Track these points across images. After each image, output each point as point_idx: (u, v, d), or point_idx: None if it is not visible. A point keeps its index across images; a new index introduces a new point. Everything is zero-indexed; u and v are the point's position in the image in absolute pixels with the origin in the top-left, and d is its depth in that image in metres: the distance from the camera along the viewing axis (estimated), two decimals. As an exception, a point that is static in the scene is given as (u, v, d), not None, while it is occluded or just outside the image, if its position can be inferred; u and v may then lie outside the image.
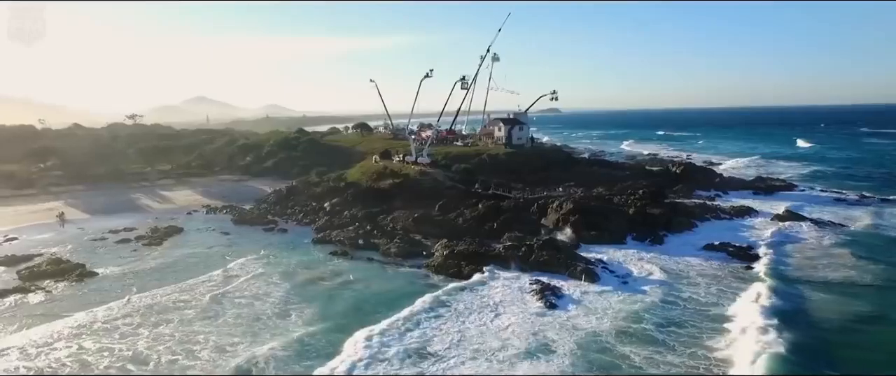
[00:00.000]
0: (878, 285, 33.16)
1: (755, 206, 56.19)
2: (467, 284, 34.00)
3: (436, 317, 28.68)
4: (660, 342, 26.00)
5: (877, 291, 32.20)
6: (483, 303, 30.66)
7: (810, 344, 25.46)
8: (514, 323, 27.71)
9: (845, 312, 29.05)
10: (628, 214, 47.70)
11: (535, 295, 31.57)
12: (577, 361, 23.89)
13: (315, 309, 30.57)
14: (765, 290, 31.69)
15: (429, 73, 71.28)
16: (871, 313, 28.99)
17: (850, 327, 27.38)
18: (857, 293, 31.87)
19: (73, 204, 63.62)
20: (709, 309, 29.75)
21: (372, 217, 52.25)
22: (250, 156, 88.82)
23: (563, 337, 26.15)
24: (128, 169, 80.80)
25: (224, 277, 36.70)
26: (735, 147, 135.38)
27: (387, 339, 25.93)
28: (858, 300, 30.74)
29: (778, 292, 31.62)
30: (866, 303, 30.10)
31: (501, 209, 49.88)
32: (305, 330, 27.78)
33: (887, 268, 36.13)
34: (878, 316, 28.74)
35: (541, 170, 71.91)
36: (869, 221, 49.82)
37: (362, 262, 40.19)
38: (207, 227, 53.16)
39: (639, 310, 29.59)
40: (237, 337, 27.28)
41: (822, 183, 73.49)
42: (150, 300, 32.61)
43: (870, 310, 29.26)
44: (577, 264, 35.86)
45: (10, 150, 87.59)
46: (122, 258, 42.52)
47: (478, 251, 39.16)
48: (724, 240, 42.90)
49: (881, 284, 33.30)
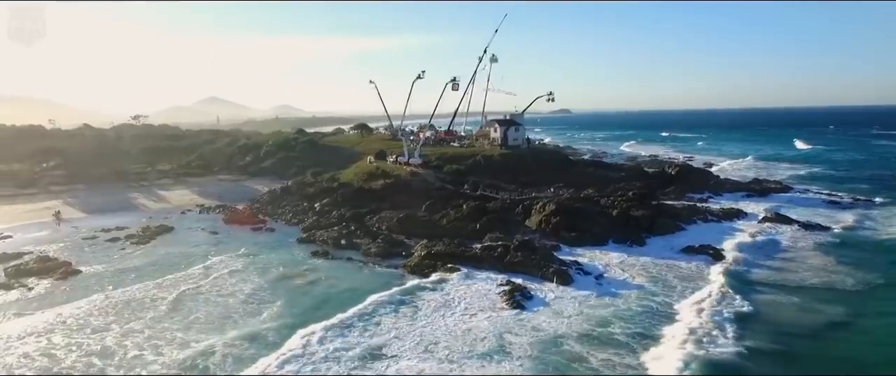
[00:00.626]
0: (846, 290, 32.87)
1: (745, 209, 55.78)
2: (437, 284, 34.28)
3: (394, 315, 29.14)
4: (622, 344, 26.04)
5: (844, 296, 31.94)
6: (448, 303, 30.90)
7: (760, 348, 25.19)
8: (475, 323, 27.89)
9: (805, 317, 28.87)
10: (612, 216, 47.63)
11: (503, 296, 31.69)
12: (532, 363, 23.98)
13: (279, 306, 31.34)
14: (727, 293, 31.63)
15: (420, 74, 71.80)
16: (832, 319, 28.76)
17: (807, 332, 27.13)
18: (824, 297, 31.66)
19: (71, 203, 64.90)
20: (678, 313, 29.68)
21: (359, 217, 52.65)
22: (249, 157, 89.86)
23: (523, 339, 26.25)
24: (128, 169, 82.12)
25: (202, 274, 37.39)
26: (738, 148, 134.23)
27: (332, 335, 26.47)
28: (823, 304, 30.54)
29: (741, 295, 31.54)
30: (830, 308, 29.92)
31: (486, 210, 50.03)
32: (263, 325, 28.58)
33: (860, 271, 35.78)
34: (838, 322, 28.47)
35: (535, 172, 71.91)
36: (855, 223, 49.31)
37: (341, 262, 40.61)
38: (197, 226, 53.91)
39: (606, 313, 29.56)
40: (202, 332, 27.86)
41: (820, 185, 72.71)
42: (126, 296, 33.33)
43: (831, 316, 29.07)
44: (551, 266, 35.92)
45: (17, 150, 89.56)
46: (109, 256, 43.36)
47: (454, 252, 39.39)
48: (707, 242, 42.62)
49: (850, 289, 32.99)
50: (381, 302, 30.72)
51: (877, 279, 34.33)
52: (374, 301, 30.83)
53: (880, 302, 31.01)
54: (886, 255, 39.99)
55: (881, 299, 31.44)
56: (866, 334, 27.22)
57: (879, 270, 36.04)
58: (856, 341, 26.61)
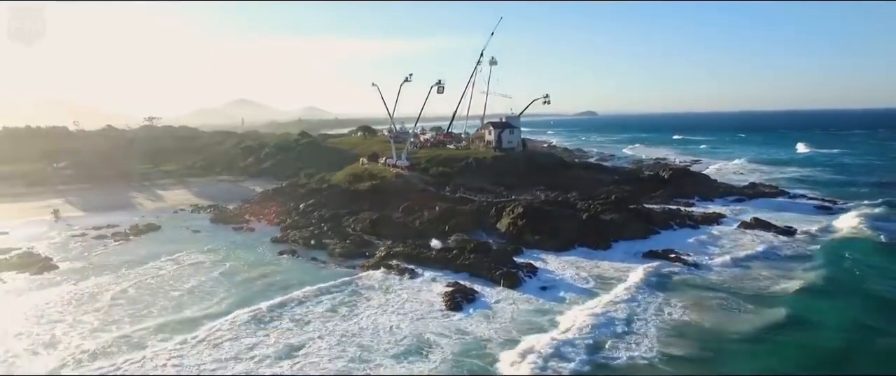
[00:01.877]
0: (799, 296, 32.03)
1: (728, 213, 54.91)
2: (383, 283, 34.90)
3: (329, 312, 29.98)
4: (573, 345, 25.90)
5: (792, 302, 31.08)
6: (387, 303, 31.46)
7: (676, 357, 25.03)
8: (405, 324, 28.37)
9: (745, 324, 28.24)
10: (581, 219, 47.47)
11: (444, 297, 32.07)
12: (445, 365, 24.19)
13: (221, 296, 33.01)
14: (672, 300, 31.36)
15: (408, 77, 72.30)
16: (775, 324, 28.23)
17: (739, 338, 26.76)
18: (771, 303, 30.97)
19: (73, 202, 67.77)
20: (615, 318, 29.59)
21: (337, 218, 53.66)
22: (251, 158, 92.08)
23: (446, 341, 26.55)
24: (134, 169, 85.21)
25: (162, 269, 39.32)
26: (748, 151, 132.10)
27: (251, 329, 27.72)
28: (769, 309, 29.93)
29: (690, 301, 31.22)
30: (772, 315, 29.25)
31: (457, 212, 50.45)
32: (195, 313, 30.54)
33: (824, 279, 34.92)
34: (779, 326, 28.00)
35: (525, 174, 72.04)
36: (843, 230, 48.01)
37: (303, 261, 41.59)
38: (183, 225, 55.68)
39: (540, 318, 29.64)
40: (144, 320, 29.64)
41: (821, 189, 70.76)
42: (90, 289, 35.04)
43: (773, 322, 28.44)
44: (500, 268, 36.12)
45: (36, 150, 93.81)
46: (90, 252, 45.32)
47: (411, 253, 39.97)
48: (674, 247, 42.24)
49: (803, 295, 32.03)
50: (319, 299, 31.61)
51: (813, 285, 33.53)
52: (312, 297, 31.79)
53: (801, 312, 29.80)
54: (838, 263, 38.63)
55: (802, 308, 30.17)
56: (763, 343, 26.54)
57: (824, 277, 35.20)
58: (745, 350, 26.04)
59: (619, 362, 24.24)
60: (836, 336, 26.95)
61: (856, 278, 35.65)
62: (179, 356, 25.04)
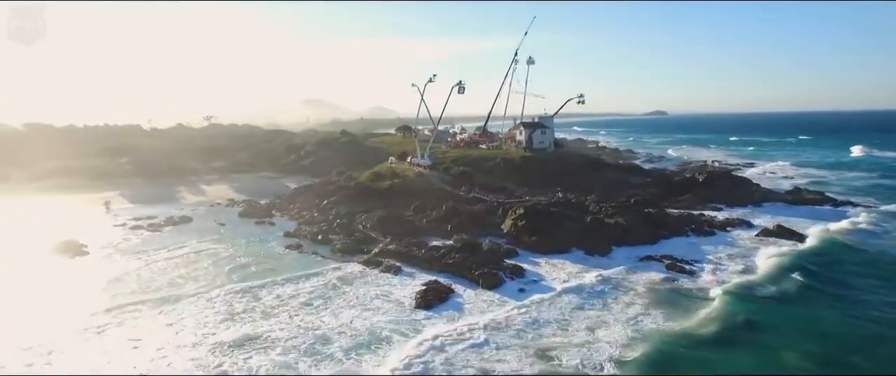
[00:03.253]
0: (777, 327, 29.74)
1: (754, 220, 51.95)
2: (362, 279, 36.03)
3: (301, 305, 31.26)
4: (499, 350, 25.99)
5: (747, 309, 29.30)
6: (359, 298, 32.37)
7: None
8: (366, 319, 29.11)
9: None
10: (585, 222, 46.53)
11: (417, 296, 32.62)
12: (390, 360, 24.83)
13: (204, 283, 35.81)
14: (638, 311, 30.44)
15: (432, 78, 73.15)
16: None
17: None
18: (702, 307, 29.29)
19: (126, 195, 73.75)
20: (581, 324, 29.03)
21: (352, 215, 55.36)
22: (293, 156, 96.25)
23: (401, 340, 26.98)
24: (186, 165, 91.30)
25: (176, 257, 42.51)
26: (803, 153, 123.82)
27: (220, 317, 29.73)
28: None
29: (653, 311, 30.24)
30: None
31: (462, 212, 50.83)
32: (170, 292, 33.66)
33: (817, 301, 32.05)
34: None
35: (553, 176, 71.23)
36: (861, 240, 44.45)
37: (304, 255, 43.35)
38: (213, 218, 59.31)
39: (506, 321, 29.46)
40: (128, 297, 33.01)
41: (875, 198, 65.18)
42: (105, 271, 39.05)
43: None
44: (483, 269, 36.20)
45: (106, 147, 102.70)
46: (122, 239, 49.52)
47: (402, 250, 40.84)
48: (677, 253, 40.72)
49: (787, 323, 29.17)
50: (297, 290, 33.43)
51: (802, 305, 31.24)
52: (290, 289, 33.65)
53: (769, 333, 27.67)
54: (850, 277, 35.79)
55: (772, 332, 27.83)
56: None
57: (830, 293, 32.77)
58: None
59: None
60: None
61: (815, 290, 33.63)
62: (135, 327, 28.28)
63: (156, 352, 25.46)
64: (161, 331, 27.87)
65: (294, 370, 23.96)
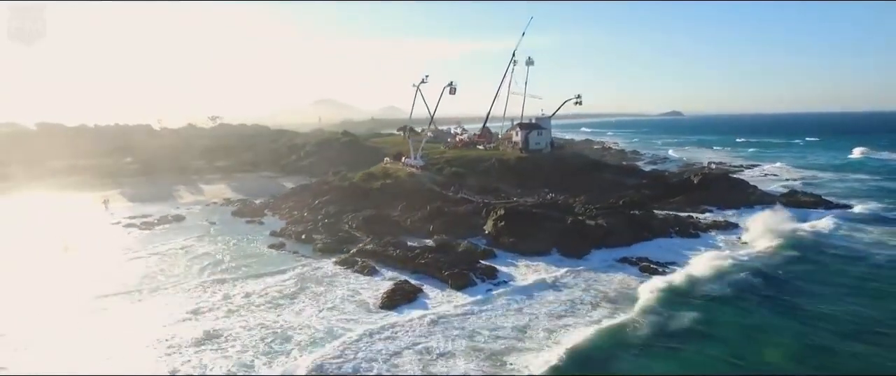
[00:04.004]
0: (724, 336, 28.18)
1: (743, 223, 51.36)
2: (333, 278, 36.42)
3: (265, 304, 31.77)
4: (448, 353, 25.84)
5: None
6: (324, 297, 32.76)
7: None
8: (326, 317, 29.44)
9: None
10: (566, 224, 46.40)
11: (384, 296, 32.91)
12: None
13: (181, 278, 36.95)
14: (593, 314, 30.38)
15: (424, 79, 73.42)
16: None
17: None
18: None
19: (126, 193, 75.25)
20: (539, 325, 28.97)
21: (340, 215, 55.86)
22: (294, 156, 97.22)
23: (350, 335, 27.23)
24: (188, 164, 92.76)
25: (158, 253, 43.84)
26: (814, 156, 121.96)
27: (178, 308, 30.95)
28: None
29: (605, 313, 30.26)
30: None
31: (446, 213, 51.00)
32: (148, 289, 34.64)
33: (777, 311, 31.13)
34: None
35: (548, 176, 71.11)
36: (850, 244, 43.70)
37: (284, 254, 43.87)
38: (205, 217, 60.28)
39: (469, 322, 29.48)
40: (101, 293, 33.99)
41: (873, 201, 63.97)
42: (85, 266, 40.48)
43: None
44: (453, 270, 36.33)
45: (111, 146, 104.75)
46: (112, 237, 50.68)
47: (378, 250, 41.17)
48: (652, 256, 40.54)
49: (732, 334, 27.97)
50: (267, 288, 34.02)
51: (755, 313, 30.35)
52: (260, 286, 34.28)
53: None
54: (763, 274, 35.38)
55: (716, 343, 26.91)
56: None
57: (783, 299, 32.07)
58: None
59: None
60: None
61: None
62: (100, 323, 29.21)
63: (114, 348, 26.04)
64: (125, 327, 28.54)
65: (247, 369, 24.31)
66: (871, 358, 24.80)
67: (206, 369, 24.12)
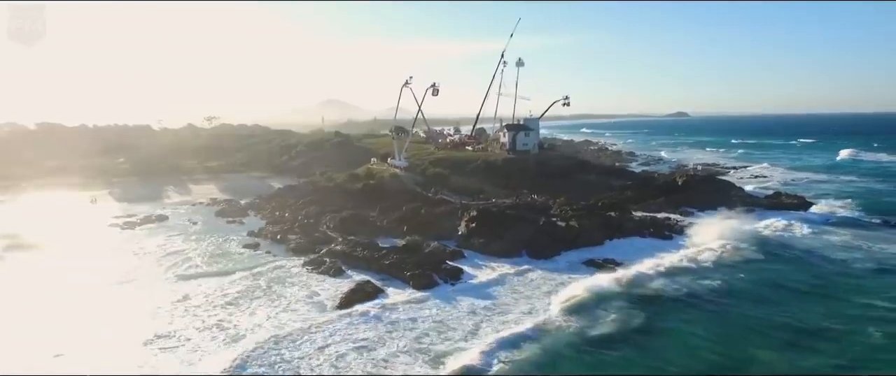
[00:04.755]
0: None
1: (714, 224, 51.13)
2: (298, 278, 36.92)
3: (224, 301, 32.32)
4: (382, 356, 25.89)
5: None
6: (284, 296, 33.13)
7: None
8: (273, 320, 29.38)
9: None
10: (538, 225, 46.47)
11: (343, 296, 33.13)
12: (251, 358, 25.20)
13: (147, 277, 37.62)
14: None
15: (408, 80, 73.82)
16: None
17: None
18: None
19: (115, 193, 76.02)
20: (485, 324, 29.12)
21: (320, 215, 56.17)
22: (285, 156, 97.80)
23: (298, 332, 27.68)
24: (180, 165, 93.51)
25: (133, 252, 44.55)
26: (808, 157, 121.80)
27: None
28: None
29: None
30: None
31: (421, 213, 51.22)
32: (110, 289, 35.27)
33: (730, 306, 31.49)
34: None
35: (535, 177, 71.22)
36: (820, 247, 43.59)
37: (257, 253, 44.21)
38: (188, 217, 60.73)
39: (419, 322, 29.65)
40: (64, 291, 34.67)
41: (839, 201, 63.99)
42: (57, 264, 41.22)
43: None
44: (416, 270, 36.54)
45: (107, 146, 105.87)
46: (91, 236, 51.23)
47: (346, 250, 41.44)
48: (618, 257, 40.74)
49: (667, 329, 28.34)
50: (227, 287, 34.46)
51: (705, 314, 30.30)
52: (222, 285, 34.63)
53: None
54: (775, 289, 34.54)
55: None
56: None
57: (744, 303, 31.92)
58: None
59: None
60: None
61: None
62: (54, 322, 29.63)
63: (61, 348, 26.28)
64: (76, 325, 28.92)
65: (193, 370, 24.60)
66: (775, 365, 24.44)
67: (156, 370, 24.34)
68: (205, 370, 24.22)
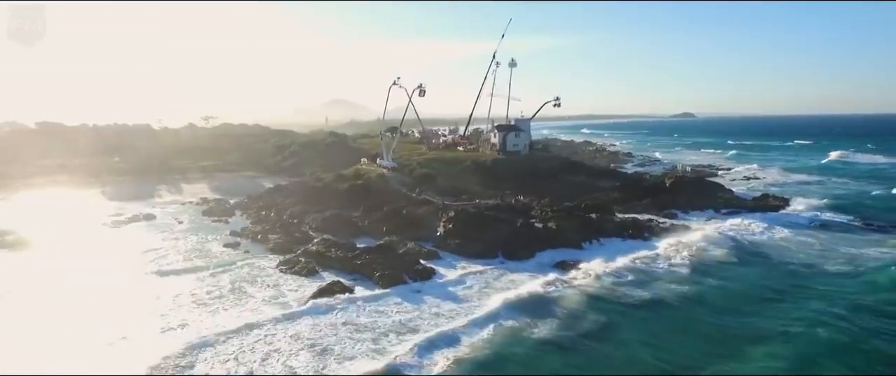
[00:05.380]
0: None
1: (702, 227, 51.19)
2: (270, 278, 37.18)
3: (191, 300, 32.82)
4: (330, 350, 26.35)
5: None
6: (245, 298, 33.24)
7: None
8: (235, 321, 29.34)
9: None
10: (515, 227, 46.54)
11: (311, 295, 33.44)
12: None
13: (121, 277, 37.89)
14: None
15: (396, 80, 74.08)
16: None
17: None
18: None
19: (107, 192, 76.65)
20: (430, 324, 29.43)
21: (304, 215, 56.55)
22: (279, 156, 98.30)
23: (256, 330, 28.21)
24: (174, 164, 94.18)
25: (113, 251, 44.99)
26: (803, 159, 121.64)
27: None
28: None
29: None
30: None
31: (402, 214, 51.42)
32: (80, 289, 35.50)
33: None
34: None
35: (523, 178, 71.34)
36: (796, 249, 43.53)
37: (236, 252, 44.45)
38: (175, 216, 61.13)
39: (377, 320, 29.95)
40: (36, 288, 35.46)
41: (838, 204, 63.64)
42: (36, 262, 41.65)
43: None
44: (385, 271, 36.72)
45: (104, 145, 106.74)
46: (76, 235, 51.69)
47: (321, 251, 41.69)
48: (586, 258, 40.94)
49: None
50: (198, 286, 35.06)
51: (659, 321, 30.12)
52: (190, 288, 34.91)
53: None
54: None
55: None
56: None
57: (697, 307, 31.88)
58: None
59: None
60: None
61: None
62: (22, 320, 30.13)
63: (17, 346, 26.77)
64: (38, 325, 29.22)
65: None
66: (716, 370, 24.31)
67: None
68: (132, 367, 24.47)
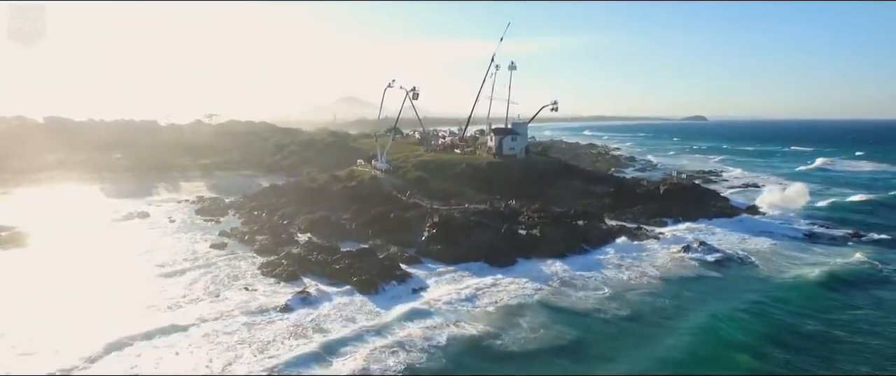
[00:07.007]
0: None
1: (688, 235, 51.00)
2: (251, 281, 37.58)
3: (168, 302, 33.19)
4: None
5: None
6: (219, 302, 33.30)
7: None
8: (208, 324, 29.86)
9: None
10: (500, 233, 46.67)
11: (288, 298, 33.77)
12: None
13: (101, 275, 38.58)
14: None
15: (390, 83, 74.42)
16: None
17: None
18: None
19: (106, 189, 77.52)
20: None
21: (294, 216, 56.96)
22: (278, 155, 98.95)
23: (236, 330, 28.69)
24: (174, 162, 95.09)
25: (100, 249, 45.78)
26: (782, 165, 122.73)
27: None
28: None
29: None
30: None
31: (391, 217, 51.65)
32: (59, 286, 36.15)
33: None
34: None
35: (518, 182, 71.38)
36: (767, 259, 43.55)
37: (219, 253, 44.61)
38: (168, 215, 61.65)
39: (351, 323, 30.59)
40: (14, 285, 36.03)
41: (840, 213, 63.07)
42: (31, 257, 42.86)
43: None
44: (362, 276, 36.96)
45: (107, 141, 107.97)
46: (66, 233, 52.25)
47: (303, 254, 42.00)
48: (580, 268, 40.86)
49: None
50: (172, 293, 35.04)
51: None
52: (167, 290, 35.37)
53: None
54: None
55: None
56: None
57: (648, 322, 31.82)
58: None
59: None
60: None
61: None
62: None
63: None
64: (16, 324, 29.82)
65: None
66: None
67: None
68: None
